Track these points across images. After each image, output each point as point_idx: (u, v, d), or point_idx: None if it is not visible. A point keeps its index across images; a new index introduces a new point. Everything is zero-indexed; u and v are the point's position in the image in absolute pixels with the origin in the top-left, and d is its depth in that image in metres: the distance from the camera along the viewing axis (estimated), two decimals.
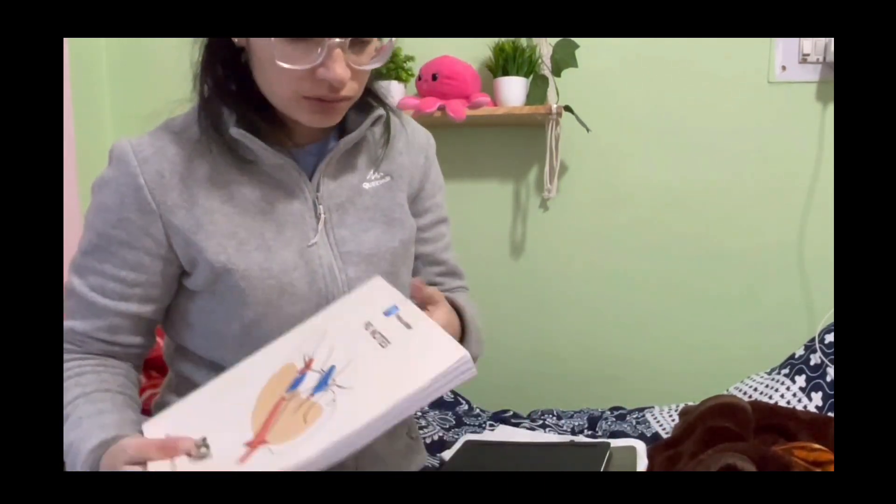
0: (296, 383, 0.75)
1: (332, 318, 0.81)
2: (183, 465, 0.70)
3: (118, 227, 0.83)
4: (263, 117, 0.84)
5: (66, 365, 0.85)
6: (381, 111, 0.90)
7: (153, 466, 0.70)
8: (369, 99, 0.91)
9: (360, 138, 0.90)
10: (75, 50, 1.87)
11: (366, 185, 0.91)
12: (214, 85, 0.84)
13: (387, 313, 0.78)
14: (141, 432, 0.78)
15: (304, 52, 0.75)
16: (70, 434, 0.78)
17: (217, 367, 0.89)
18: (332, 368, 0.74)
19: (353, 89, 0.80)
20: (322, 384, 0.73)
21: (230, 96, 0.83)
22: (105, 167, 0.86)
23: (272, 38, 0.75)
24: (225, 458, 0.70)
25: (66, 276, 0.87)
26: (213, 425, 0.74)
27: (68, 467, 0.78)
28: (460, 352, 0.69)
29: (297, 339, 0.80)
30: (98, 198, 0.85)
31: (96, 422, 0.78)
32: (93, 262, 0.85)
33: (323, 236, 0.87)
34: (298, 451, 0.68)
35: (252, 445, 0.71)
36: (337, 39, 0.75)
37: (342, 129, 0.90)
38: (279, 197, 0.86)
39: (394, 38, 0.82)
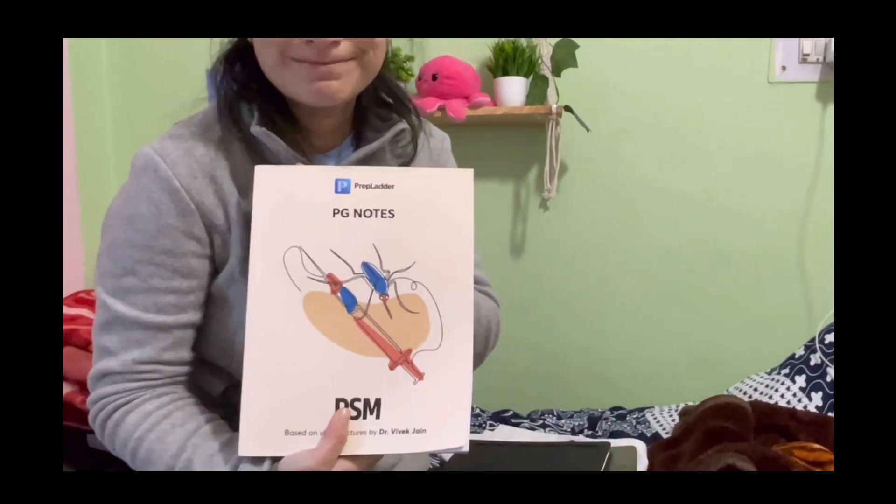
0: (347, 302, 0.72)
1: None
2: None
3: (160, 237, 0.78)
4: (284, 119, 0.82)
5: (142, 406, 0.79)
6: (403, 125, 0.87)
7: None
8: (394, 103, 0.88)
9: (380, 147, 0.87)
10: (75, 50, 1.87)
11: None
12: (235, 83, 0.83)
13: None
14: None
15: None
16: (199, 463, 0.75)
17: (228, 377, 0.88)
18: (367, 265, 0.72)
19: (348, 51, 0.76)
20: (379, 281, 0.72)
21: (251, 94, 0.82)
22: (129, 179, 0.81)
23: None
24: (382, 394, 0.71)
25: (101, 308, 0.81)
26: (323, 388, 0.71)
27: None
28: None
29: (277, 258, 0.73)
30: (126, 211, 0.80)
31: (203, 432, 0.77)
32: (136, 282, 0.79)
33: None
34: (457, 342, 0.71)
35: (398, 362, 0.70)
36: None
37: (360, 135, 0.88)
38: None
39: None
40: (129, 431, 0.78)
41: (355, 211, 0.72)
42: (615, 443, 1.12)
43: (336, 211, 0.72)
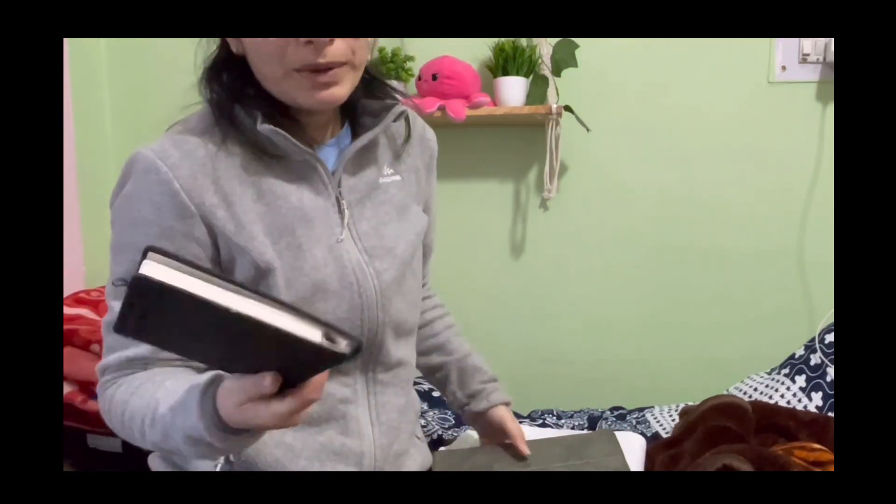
0: None
1: None
2: None
3: (162, 239, 0.80)
4: (285, 116, 0.84)
5: (114, 389, 0.81)
6: (402, 107, 0.90)
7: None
8: (381, 93, 0.91)
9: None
10: (75, 50, 1.87)
11: (381, 180, 0.93)
12: (223, 90, 0.84)
13: None
14: None
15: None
16: (153, 410, 0.74)
17: None
18: None
19: (343, 52, 0.78)
20: None
21: (247, 98, 0.83)
22: (127, 181, 0.82)
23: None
24: None
25: (111, 311, 0.82)
26: None
27: (162, 436, 0.73)
28: None
29: None
30: (128, 214, 0.81)
31: (180, 379, 0.76)
32: None
33: (347, 232, 0.88)
34: None
35: None
36: None
37: (358, 121, 0.91)
38: (306, 193, 0.86)
39: None
40: (120, 398, 0.80)
41: None
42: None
43: None
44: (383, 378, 0.93)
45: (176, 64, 0.85)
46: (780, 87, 1.92)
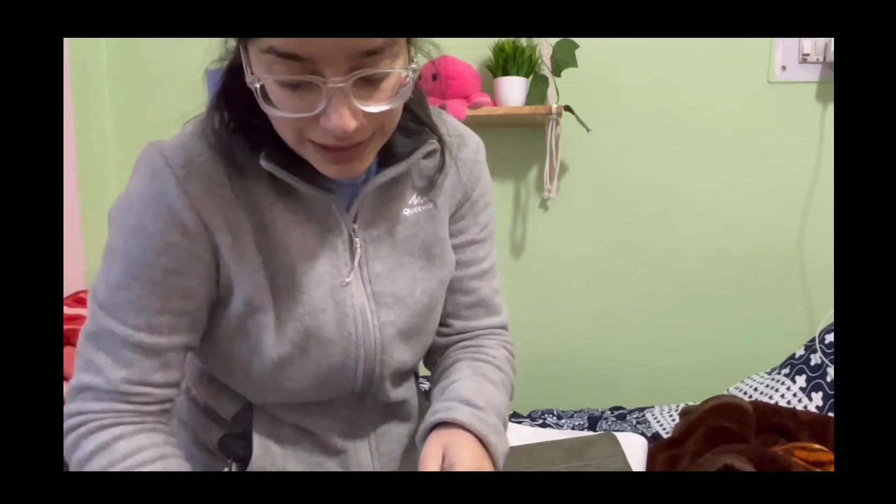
0: None
1: None
2: None
3: (163, 254, 0.72)
4: (292, 153, 0.74)
5: (135, 437, 0.73)
6: (434, 144, 0.80)
7: None
8: (423, 119, 0.82)
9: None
10: (75, 50, 1.87)
11: (407, 212, 0.83)
12: (231, 119, 0.75)
13: None
14: None
15: (299, 97, 0.66)
16: None
17: (242, 399, 0.84)
18: None
19: (369, 129, 0.69)
20: None
21: (254, 130, 0.74)
22: (133, 179, 0.75)
23: (267, 82, 0.67)
24: None
25: (91, 315, 0.75)
26: None
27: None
28: None
29: None
30: (129, 220, 0.73)
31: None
32: (130, 298, 0.72)
33: (357, 274, 0.80)
34: None
35: None
36: (340, 84, 0.64)
37: (386, 152, 0.79)
38: (314, 230, 0.78)
39: (417, 68, 0.72)
40: (116, 458, 0.72)
41: None
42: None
43: None
44: (382, 411, 0.88)
45: (176, 64, 0.84)
46: (780, 87, 1.93)
